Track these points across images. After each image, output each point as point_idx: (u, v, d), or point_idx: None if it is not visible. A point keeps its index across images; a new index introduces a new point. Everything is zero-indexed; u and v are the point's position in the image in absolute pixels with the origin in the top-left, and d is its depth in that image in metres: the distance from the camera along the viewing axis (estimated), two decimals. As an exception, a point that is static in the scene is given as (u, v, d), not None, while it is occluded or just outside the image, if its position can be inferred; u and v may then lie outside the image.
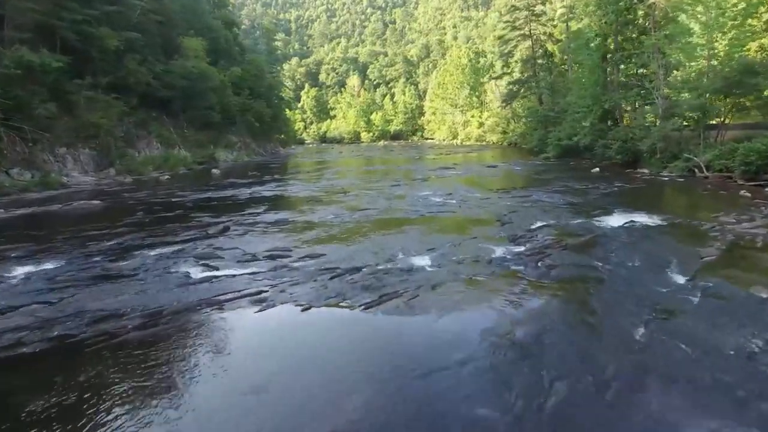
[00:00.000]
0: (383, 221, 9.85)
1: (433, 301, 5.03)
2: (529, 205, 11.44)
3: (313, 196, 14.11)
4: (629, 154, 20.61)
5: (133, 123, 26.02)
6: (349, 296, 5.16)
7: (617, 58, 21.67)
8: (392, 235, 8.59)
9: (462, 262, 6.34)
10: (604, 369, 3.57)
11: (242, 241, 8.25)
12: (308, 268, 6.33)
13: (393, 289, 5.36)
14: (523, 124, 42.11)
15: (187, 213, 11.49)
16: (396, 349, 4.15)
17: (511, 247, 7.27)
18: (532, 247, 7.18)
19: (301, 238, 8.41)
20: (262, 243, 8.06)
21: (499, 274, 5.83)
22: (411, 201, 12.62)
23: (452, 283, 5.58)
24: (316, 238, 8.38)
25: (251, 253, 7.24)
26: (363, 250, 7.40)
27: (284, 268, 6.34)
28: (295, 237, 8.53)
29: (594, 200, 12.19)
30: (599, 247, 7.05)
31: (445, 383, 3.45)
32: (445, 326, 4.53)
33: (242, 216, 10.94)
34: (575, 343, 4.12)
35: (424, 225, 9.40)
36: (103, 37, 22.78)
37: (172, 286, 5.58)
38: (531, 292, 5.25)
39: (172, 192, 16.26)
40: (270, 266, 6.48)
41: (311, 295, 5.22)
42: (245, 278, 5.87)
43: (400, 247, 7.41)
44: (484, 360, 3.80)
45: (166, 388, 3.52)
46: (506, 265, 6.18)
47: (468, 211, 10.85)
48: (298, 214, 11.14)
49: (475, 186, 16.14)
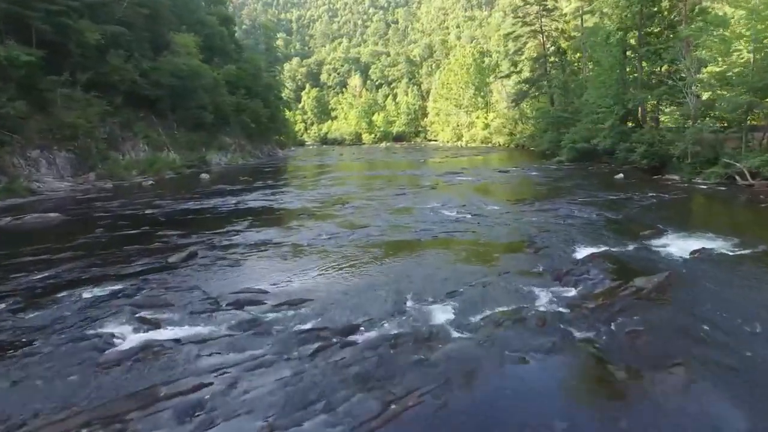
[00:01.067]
0: (387, 245, 8.02)
1: (473, 418, 3.15)
2: (559, 222, 9.59)
3: (305, 209, 12.27)
4: (656, 159, 18.76)
5: (118, 123, 24.24)
6: (336, 405, 3.24)
7: (642, 53, 19.79)
8: (399, 266, 6.76)
9: (500, 323, 4.48)
10: None
11: (207, 275, 6.42)
12: (283, 330, 4.49)
13: (406, 385, 3.43)
14: (532, 126, 40.26)
15: (155, 230, 9.67)
16: None
17: (560, 291, 5.43)
18: (587, 292, 5.34)
19: (283, 272, 6.58)
20: (231, 280, 6.24)
21: (562, 349, 3.94)
22: (419, 215, 10.79)
23: (495, 372, 3.62)
24: (302, 272, 6.55)
25: (212, 299, 5.42)
26: (360, 294, 5.57)
27: (249, 330, 4.50)
28: (275, 270, 6.70)
29: (635, 215, 10.34)
30: (684, 293, 5.18)
31: None
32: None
33: (218, 235, 9.11)
34: None
35: (437, 251, 7.56)
36: (82, 30, 21.00)
37: (72, 371, 3.72)
38: (621, 391, 3.39)
39: (149, 201, 14.45)
40: (231, 324, 4.65)
41: (277, 397, 3.32)
42: (189, 351, 4.03)
43: (410, 289, 5.58)
44: None
45: None
46: (564, 328, 4.32)
47: (489, 231, 9.01)
48: (285, 233, 9.30)
49: (491, 195, 14.30)
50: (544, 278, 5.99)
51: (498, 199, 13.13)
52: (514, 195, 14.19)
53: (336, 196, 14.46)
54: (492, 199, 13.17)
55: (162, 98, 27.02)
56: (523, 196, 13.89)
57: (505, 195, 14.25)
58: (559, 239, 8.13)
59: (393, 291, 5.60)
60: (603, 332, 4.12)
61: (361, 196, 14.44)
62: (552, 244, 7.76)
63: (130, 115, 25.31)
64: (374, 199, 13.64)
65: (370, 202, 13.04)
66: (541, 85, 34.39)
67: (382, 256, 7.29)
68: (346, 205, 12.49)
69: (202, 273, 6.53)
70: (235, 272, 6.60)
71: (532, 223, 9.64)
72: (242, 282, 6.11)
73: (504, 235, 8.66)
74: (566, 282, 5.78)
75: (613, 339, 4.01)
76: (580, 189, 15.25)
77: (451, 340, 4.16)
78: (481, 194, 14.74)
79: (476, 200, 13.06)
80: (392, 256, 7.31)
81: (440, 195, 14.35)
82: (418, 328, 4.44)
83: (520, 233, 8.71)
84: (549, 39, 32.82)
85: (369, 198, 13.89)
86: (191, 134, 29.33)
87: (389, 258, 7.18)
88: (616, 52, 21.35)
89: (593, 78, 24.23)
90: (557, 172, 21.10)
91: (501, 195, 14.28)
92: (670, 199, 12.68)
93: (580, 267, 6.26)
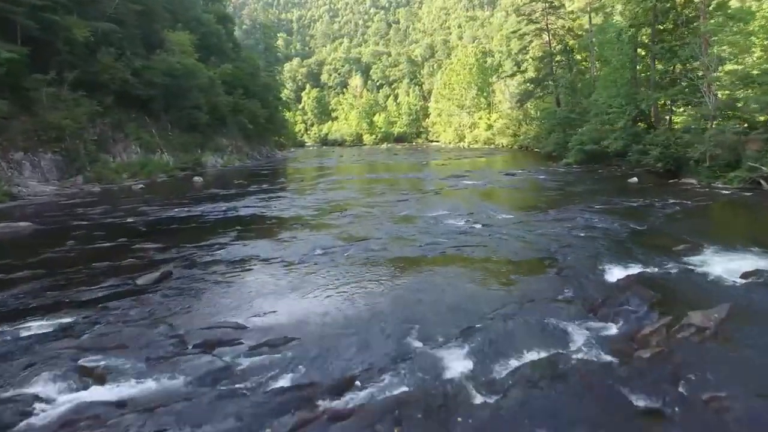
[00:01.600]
0: (389, 263, 7.06)
1: None
2: (580, 234, 8.64)
3: (300, 217, 11.32)
4: (671, 162, 17.78)
5: (109, 124, 23.36)
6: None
7: (656, 51, 18.81)
8: (403, 291, 5.81)
9: (533, 380, 3.51)
10: None
11: (177, 304, 5.47)
12: (257, 387, 3.53)
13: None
14: (537, 126, 39.28)
15: (132, 242, 8.73)
16: None
17: (598, 328, 4.48)
18: (633, 330, 4.38)
19: (267, 298, 5.63)
20: (205, 309, 5.30)
21: (621, 427, 2.98)
22: (424, 225, 9.84)
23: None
24: (289, 298, 5.61)
25: (177, 337, 4.47)
26: (357, 329, 4.62)
27: (215, 386, 3.55)
28: (258, 295, 5.75)
29: (661, 225, 9.37)
30: (759, 334, 4.21)
31: None
32: None
33: (200, 249, 8.17)
34: None
35: (447, 271, 6.61)
36: (70, 27, 20.10)
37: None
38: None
39: (134, 207, 13.53)
40: (194, 377, 3.70)
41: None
42: (130, 425, 3.07)
43: (416, 323, 4.66)
44: None
45: None
46: (618, 390, 3.33)
47: (502, 244, 8.05)
48: (275, 247, 8.36)
49: (500, 202, 13.35)
50: (576, 309, 5.03)
51: (508, 206, 12.18)
52: (525, 201, 13.24)
53: (334, 203, 13.51)
54: (501, 206, 12.21)
55: (155, 98, 26.10)
56: (534, 202, 12.93)
57: (514, 201, 13.30)
58: (584, 256, 7.17)
59: (396, 325, 4.67)
60: (672, 399, 3.14)
61: (360, 203, 13.50)
62: (577, 263, 6.81)
63: (122, 115, 24.40)
64: (375, 205, 12.69)
65: (371, 209, 12.09)
66: (547, 84, 33.39)
67: (382, 278, 6.34)
68: (344, 213, 11.54)
69: (173, 300, 5.58)
70: (211, 299, 5.65)
71: (549, 235, 8.68)
72: (218, 312, 5.17)
73: (520, 250, 7.70)
74: (604, 315, 4.82)
75: (690, 411, 3.03)
76: (594, 194, 14.30)
77: (471, 406, 3.20)
78: (488, 200, 13.79)
79: (484, 207, 12.10)
80: (394, 277, 6.35)
81: (445, 201, 13.40)
82: (429, 385, 3.48)
83: (538, 248, 7.75)
84: (555, 37, 31.82)
85: (369, 204, 12.94)
86: (185, 135, 28.41)
87: (391, 280, 6.23)
88: (627, 50, 20.38)
89: (603, 77, 23.27)
90: (566, 175, 20.14)
91: (510, 201, 13.32)
92: (694, 206, 11.69)
93: (617, 295, 5.30)
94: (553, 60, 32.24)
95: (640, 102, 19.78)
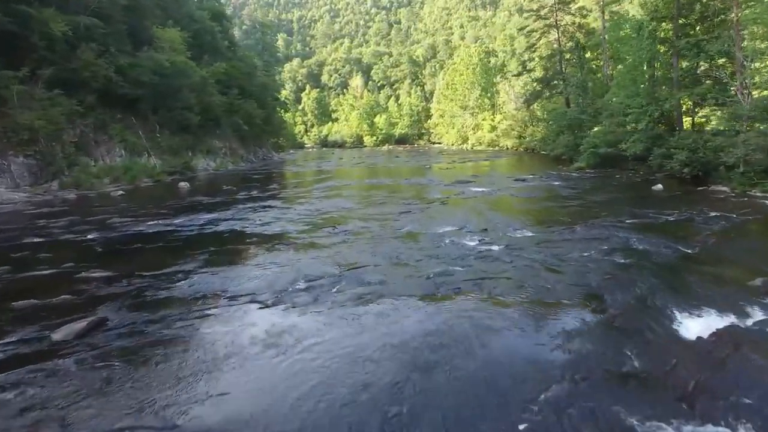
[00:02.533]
0: (389, 306, 5.51)
1: None
2: (621, 261, 7.07)
3: (286, 234, 9.77)
4: (699, 167, 16.22)
5: (91, 125, 21.88)
6: None
7: (681, 46, 17.23)
8: (409, 356, 4.25)
9: None
10: None
11: (89, 381, 3.92)
12: None
13: None
14: (544, 128, 37.68)
15: (78, 269, 7.19)
16: None
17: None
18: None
19: (222, 371, 4.08)
20: (125, 394, 3.74)
21: None
22: (431, 246, 8.28)
23: None
24: (256, 353, 4.07)
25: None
26: (345, 410, 3.07)
27: None
28: (209, 367, 4.19)
29: (717, 249, 7.80)
30: None
31: None
32: None
33: (155, 281, 6.63)
34: None
35: (463, 319, 5.05)
36: (46, 21, 18.61)
37: None
38: None
39: (103, 219, 12.00)
40: None
41: None
42: None
43: (423, 404, 3.10)
44: None
45: None
46: None
47: (529, 275, 6.49)
48: (248, 276, 6.80)
49: (515, 214, 11.78)
50: (655, 395, 3.48)
51: (525, 220, 10.60)
52: (543, 213, 11.67)
53: (327, 215, 11.96)
54: (518, 220, 10.64)
55: (143, 98, 24.60)
56: (553, 214, 11.36)
57: (531, 213, 11.72)
58: (636, 295, 5.61)
59: (398, 411, 3.12)
60: None
61: (357, 214, 11.94)
62: (630, 306, 5.27)
63: (106, 116, 22.92)
64: (373, 218, 11.13)
65: (368, 223, 10.53)
66: (556, 84, 31.80)
67: (380, 323, 4.79)
68: (337, 229, 9.99)
69: (87, 373, 4.03)
70: (140, 373, 4.09)
71: (583, 261, 7.12)
72: (141, 402, 3.61)
73: (553, 284, 6.13)
74: (705, 412, 3.26)
75: None
76: (619, 204, 12.75)
77: None
78: (502, 212, 12.23)
79: (499, 221, 10.54)
80: (397, 333, 4.78)
81: (453, 213, 11.83)
82: None
83: (575, 281, 6.19)
84: (565, 34, 30.24)
85: (367, 217, 11.38)
86: (175, 137, 26.89)
87: (392, 337, 4.67)
88: (648, 46, 18.80)
89: (620, 75, 21.67)
90: (581, 181, 18.54)
91: (527, 213, 11.75)
92: (741, 220, 10.09)
93: (715, 372, 3.74)
94: (563, 58, 30.65)
95: (663, 102, 18.19)
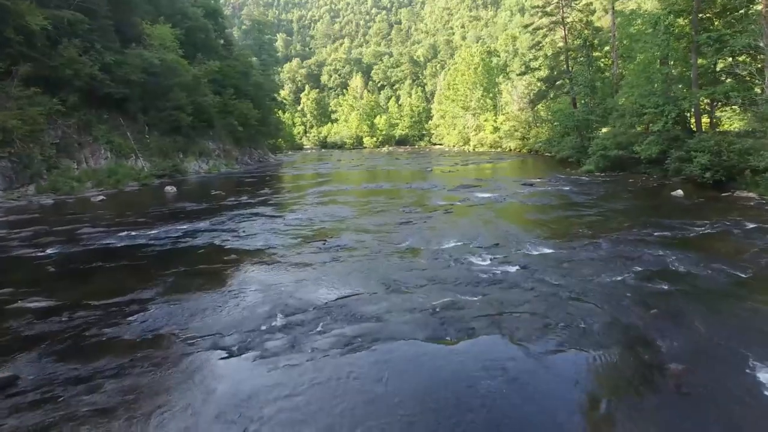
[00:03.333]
0: (385, 349, 4.35)
1: None
2: (664, 288, 5.91)
3: (269, 249, 8.60)
4: (722, 171, 15.05)
5: (74, 126, 20.74)
6: None
7: (703, 41, 16.07)
8: (404, 418, 3.10)
9: None
10: None
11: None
12: None
13: None
14: (549, 129, 36.54)
15: (15, 297, 6.05)
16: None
17: None
18: None
19: None
20: None
21: None
22: (435, 267, 7.12)
23: None
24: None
25: None
26: None
27: None
28: (150, 427, 3.04)
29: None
30: None
31: None
32: None
33: (104, 316, 5.47)
34: None
35: (476, 366, 3.88)
36: (22, 14, 17.48)
37: None
38: None
39: (72, 230, 10.85)
40: None
41: None
42: None
43: None
44: None
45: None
46: None
47: (557, 308, 5.32)
48: (217, 308, 5.64)
49: (528, 225, 10.60)
50: None
51: (541, 233, 9.44)
52: (559, 224, 10.50)
53: (318, 226, 10.79)
54: (532, 233, 9.47)
55: (131, 97, 23.49)
56: (571, 226, 10.18)
57: (546, 224, 10.55)
58: (695, 339, 4.46)
59: None
60: None
61: (352, 225, 10.78)
62: (697, 356, 4.11)
63: (91, 116, 21.81)
64: (369, 230, 9.97)
65: (363, 236, 9.37)
66: (563, 83, 30.65)
67: (368, 397, 3.63)
68: (328, 243, 8.82)
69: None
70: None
71: (617, 288, 5.96)
72: None
73: (586, 321, 4.95)
74: None
75: None
76: (641, 213, 11.62)
77: None
78: (513, 222, 11.05)
79: (511, 234, 9.38)
80: (389, 398, 3.62)
81: (459, 224, 10.66)
82: None
83: (613, 318, 5.02)
84: (572, 32, 29.09)
85: (362, 228, 10.22)
86: (165, 139, 25.74)
87: (383, 405, 3.50)
88: (666, 41, 17.64)
89: (633, 73, 20.52)
90: (593, 186, 17.38)
91: (541, 224, 10.57)
92: (784, 233, 8.94)
93: None
94: (570, 57, 29.50)
95: (682, 101, 17.03)
